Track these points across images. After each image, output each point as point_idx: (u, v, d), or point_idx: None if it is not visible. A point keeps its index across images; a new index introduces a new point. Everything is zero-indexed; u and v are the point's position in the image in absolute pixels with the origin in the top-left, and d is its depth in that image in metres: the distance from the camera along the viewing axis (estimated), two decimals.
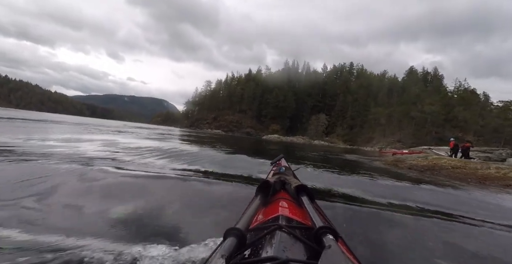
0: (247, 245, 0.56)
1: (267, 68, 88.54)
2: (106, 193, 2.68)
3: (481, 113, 41.86)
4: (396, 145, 42.33)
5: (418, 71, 62.41)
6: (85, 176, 3.09)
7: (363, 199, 3.49)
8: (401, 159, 10.77)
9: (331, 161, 10.54)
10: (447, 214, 3.12)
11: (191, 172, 4.12)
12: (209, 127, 74.59)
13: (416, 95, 47.93)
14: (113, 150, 5.61)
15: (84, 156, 4.46)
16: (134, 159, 4.69)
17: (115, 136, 10.01)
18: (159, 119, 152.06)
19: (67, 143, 6.22)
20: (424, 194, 4.32)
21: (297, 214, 0.79)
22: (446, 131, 40.82)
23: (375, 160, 12.08)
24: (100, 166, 3.59)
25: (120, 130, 14.09)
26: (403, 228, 2.42)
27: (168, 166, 4.42)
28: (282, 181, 1.12)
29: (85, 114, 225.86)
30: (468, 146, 11.59)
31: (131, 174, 3.43)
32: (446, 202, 3.83)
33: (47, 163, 3.51)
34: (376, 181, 5.35)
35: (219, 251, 0.47)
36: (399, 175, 7.01)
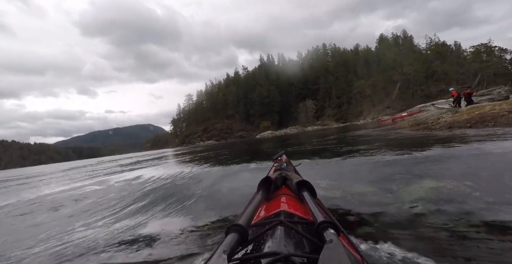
0: (249, 241, 0.56)
1: (244, 68, 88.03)
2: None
3: (458, 62, 42.69)
4: (386, 112, 42.52)
5: (388, 37, 63.31)
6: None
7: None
8: (423, 120, 9.08)
9: (346, 142, 8.11)
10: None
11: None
12: (201, 140, 73.11)
13: (393, 60, 48.45)
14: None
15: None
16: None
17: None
18: (149, 144, 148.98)
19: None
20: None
21: (299, 209, 0.80)
22: (430, 87, 41.39)
23: (388, 129, 10.45)
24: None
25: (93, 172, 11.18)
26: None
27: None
28: (284, 177, 1.12)
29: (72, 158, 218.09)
30: (468, 92, 11.08)
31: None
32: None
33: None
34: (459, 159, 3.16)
35: (221, 247, 0.47)
36: (460, 138, 4.76)
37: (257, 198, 0.85)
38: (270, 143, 15.37)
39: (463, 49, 48.25)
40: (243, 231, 0.54)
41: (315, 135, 19.27)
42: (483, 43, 42.64)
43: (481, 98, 12.19)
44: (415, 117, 13.01)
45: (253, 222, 0.71)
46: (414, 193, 2.20)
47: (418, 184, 2.38)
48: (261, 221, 0.72)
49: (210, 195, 3.27)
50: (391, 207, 1.97)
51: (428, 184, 2.34)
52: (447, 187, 2.20)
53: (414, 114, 16.27)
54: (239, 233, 0.54)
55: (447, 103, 13.90)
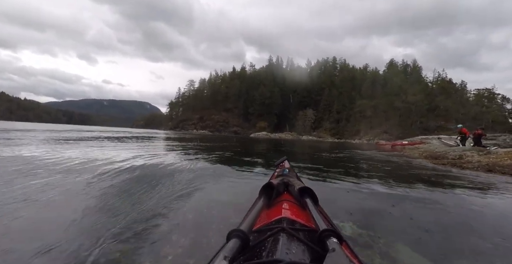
0: (250, 247, 0.56)
1: (251, 65, 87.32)
2: None
3: (461, 102, 43.41)
4: (383, 136, 42.92)
5: (398, 64, 63.90)
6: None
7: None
8: (441, 153, 8.42)
9: (360, 164, 6.96)
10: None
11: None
12: (195, 128, 72.29)
13: (399, 87, 48.86)
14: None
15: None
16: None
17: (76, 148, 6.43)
18: (142, 122, 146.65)
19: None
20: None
21: (301, 216, 0.79)
22: (430, 120, 41.95)
23: (396, 155, 9.85)
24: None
25: (88, 138, 11.41)
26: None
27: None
28: (286, 183, 1.12)
29: (61, 121, 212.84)
30: (480, 133, 10.41)
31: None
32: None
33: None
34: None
35: (222, 253, 0.47)
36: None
37: (259, 204, 0.84)
38: (264, 145, 14.97)
39: (468, 90, 49.34)
40: (244, 237, 0.54)
41: (311, 146, 18.72)
42: (487, 88, 43.60)
43: (485, 142, 12.02)
44: (418, 147, 12.76)
45: (254, 228, 0.70)
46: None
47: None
48: (263, 227, 0.71)
49: (182, 213, 2.06)
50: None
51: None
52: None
53: (415, 144, 16.10)
54: (240, 238, 0.53)
55: (452, 139, 13.46)
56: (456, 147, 10.02)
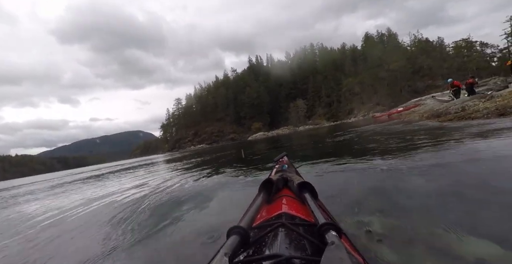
0: (250, 243, 0.56)
1: (233, 70, 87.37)
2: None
3: (442, 57, 43.74)
4: (376, 108, 42.86)
5: (374, 36, 64.39)
6: None
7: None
8: (442, 110, 7.77)
9: (363, 141, 6.47)
10: None
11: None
12: (192, 144, 71.60)
13: (379, 58, 49.07)
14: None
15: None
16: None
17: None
18: (138, 151, 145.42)
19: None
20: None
21: (300, 211, 0.80)
22: (417, 82, 42.13)
23: (396, 123, 9.09)
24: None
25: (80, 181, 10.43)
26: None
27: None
28: (285, 178, 1.12)
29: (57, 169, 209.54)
30: (471, 82, 10.10)
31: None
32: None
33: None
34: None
35: (223, 250, 0.47)
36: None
37: (259, 200, 0.85)
38: (261, 145, 14.06)
39: (446, 44, 49.87)
40: (244, 233, 0.54)
41: (309, 135, 17.67)
42: (464, 39, 44.08)
43: (477, 89, 11.76)
44: (414, 111, 12.35)
45: (254, 224, 0.71)
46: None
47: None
48: (263, 223, 0.71)
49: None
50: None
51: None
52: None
53: (410, 108, 15.81)
54: (240, 235, 0.53)
55: (445, 95, 13.12)
56: (455, 100, 9.59)
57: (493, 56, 38.48)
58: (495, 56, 37.69)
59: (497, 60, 37.40)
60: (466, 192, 1.68)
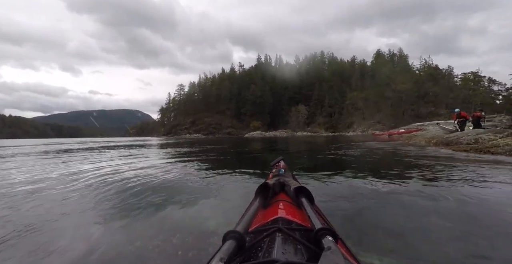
0: (246, 248, 0.56)
1: (240, 65, 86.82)
2: None
3: (449, 86, 43.94)
4: (376, 126, 43.09)
5: (385, 54, 64.47)
6: None
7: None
8: (453, 139, 7.46)
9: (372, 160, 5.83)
10: None
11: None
12: (188, 132, 71.34)
13: (387, 76, 49.21)
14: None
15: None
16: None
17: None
18: (134, 130, 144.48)
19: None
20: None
21: (297, 216, 0.79)
22: (420, 107, 42.36)
23: (401, 145, 8.79)
24: None
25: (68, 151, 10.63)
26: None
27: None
28: (282, 183, 1.12)
29: (50, 135, 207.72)
30: (479, 115, 9.82)
31: None
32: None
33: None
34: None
35: (218, 255, 0.47)
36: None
37: (255, 204, 0.84)
38: (258, 145, 13.82)
39: (455, 74, 50.12)
40: (240, 238, 0.54)
41: (307, 142, 17.30)
42: (473, 72, 44.28)
43: (483, 124, 11.60)
44: (416, 135, 12.22)
45: (250, 228, 0.70)
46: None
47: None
48: (259, 228, 0.71)
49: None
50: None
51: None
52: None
53: (412, 131, 15.94)
54: (236, 240, 0.53)
55: (450, 124, 12.90)
56: (465, 131, 9.14)
57: (498, 94, 38.76)
58: (501, 94, 37.96)
59: (502, 98, 37.70)
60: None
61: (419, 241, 1.53)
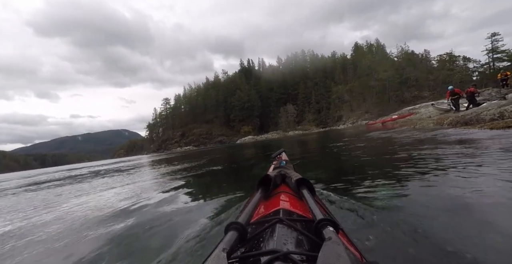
0: (248, 239, 0.57)
1: (224, 72, 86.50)
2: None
3: (428, 69, 45.26)
4: (365, 116, 43.46)
5: (363, 45, 66.04)
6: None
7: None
8: (473, 115, 6.38)
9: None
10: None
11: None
12: (179, 146, 69.63)
13: (368, 67, 50.13)
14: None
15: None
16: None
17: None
18: (122, 151, 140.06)
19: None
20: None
21: (298, 207, 0.80)
22: (404, 93, 43.18)
23: (404, 131, 7.70)
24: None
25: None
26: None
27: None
28: (283, 175, 1.13)
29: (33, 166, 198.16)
30: (473, 91, 9.49)
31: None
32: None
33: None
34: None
35: (221, 245, 0.47)
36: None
37: (256, 196, 0.85)
38: (249, 152, 12.59)
39: (431, 57, 51.84)
40: (242, 229, 0.55)
41: (302, 141, 15.51)
42: (447, 53, 45.95)
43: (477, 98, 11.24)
44: (411, 119, 11.82)
45: (252, 220, 0.71)
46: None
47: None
48: (260, 219, 0.72)
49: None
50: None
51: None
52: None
53: (406, 116, 16.02)
54: (238, 231, 0.54)
55: (445, 104, 12.62)
56: (488, 104, 8.18)
57: (475, 71, 40.19)
58: (477, 71, 39.36)
59: (478, 74, 39.07)
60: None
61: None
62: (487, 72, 35.06)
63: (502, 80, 13.67)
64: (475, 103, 9.52)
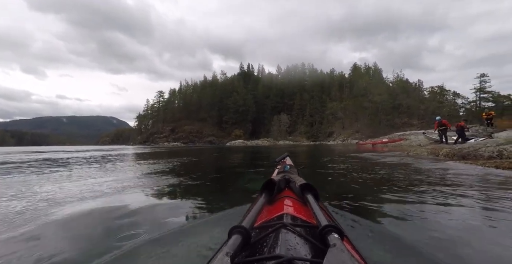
0: (251, 243, 0.56)
1: (223, 73, 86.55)
2: None
3: (419, 99, 47.15)
4: (355, 135, 44.43)
5: (361, 67, 68.18)
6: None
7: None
8: (467, 151, 6.24)
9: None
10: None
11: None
12: (167, 140, 68.33)
13: (364, 88, 51.71)
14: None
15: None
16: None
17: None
18: (108, 138, 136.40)
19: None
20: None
21: (302, 212, 0.79)
22: (395, 118, 44.60)
23: (401, 156, 7.25)
24: None
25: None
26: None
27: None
28: (287, 179, 1.13)
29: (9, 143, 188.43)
30: (462, 125, 9.63)
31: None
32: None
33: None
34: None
35: (224, 249, 0.47)
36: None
37: (260, 200, 0.85)
38: (239, 156, 11.90)
39: (424, 88, 54.20)
40: (246, 233, 0.54)
41: (292, 152, 14.29)
42: (439, 86, 48.22)
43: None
44: (401, 144, 12.11)
45: (256, 224, 0.71)
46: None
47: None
48: (264, 224, 0.71)
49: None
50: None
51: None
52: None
53: (396, 141, 16.54)
54: (242, 235, 0.53)
55: (433, 134, 12.94)
56: (485, 141, 8.16)
57: (462, 106, 42.23)
58: (464, 107, 41.37)
59: (465, 110, 41.05)
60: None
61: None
62: (473, 109, 36.90)
63: (487, 119, 14.40)
64: (464, 137, 9.68)
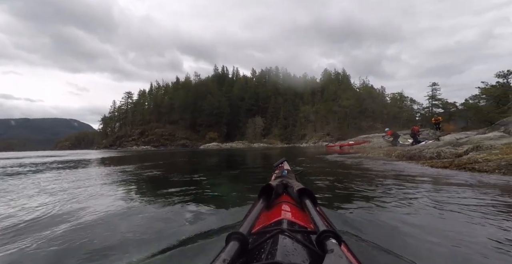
0: (249, 249, 0.56)
1: (196, 74, 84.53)
2: None
3: (383, 104, 51.17)
4: (326, 138, 46.47)
5: (331, 72, 71.98)
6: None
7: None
8: (415, 152, 6.83)
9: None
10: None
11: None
12: (135, 144, 64.36)
13: (334, 93, 54.54)
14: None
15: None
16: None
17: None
18: (68, 143, 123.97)
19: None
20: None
21: (300, 217, 0.79)
22: (361, 121, 47.68)
23: (356, 157, 8.22)
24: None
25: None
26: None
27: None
28: (285, 184, 1.12)
29: None
30: (417, 129, 10.67)
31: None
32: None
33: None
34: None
35: (222, 256, 0.47)
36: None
37: (258, 205, 0.84)
38: (213, 160, 11.28)
39: (386, 94, 59.07)
40: (243, 239, 0.53)
41: (267, 154, 15.01)
42: (399, 92, 52.92)
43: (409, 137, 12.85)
44: (365, 146, 12.82)
45: (254, 230, 0.70)
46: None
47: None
48: (262, 230, 0.70)
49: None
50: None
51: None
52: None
53: (360, 143, 17.49)
54: (239, 241, 0.53)
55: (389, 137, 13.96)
56: (428, 143, 9.16)
57: (417, 112, 46.78)
58: (419, 112, 45.86)
59: (420, 115, 45.52)
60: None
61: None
62: (427, 115, 41.04)
63: (436, 124, 16.07)
64: (416, 140, 10.83)
